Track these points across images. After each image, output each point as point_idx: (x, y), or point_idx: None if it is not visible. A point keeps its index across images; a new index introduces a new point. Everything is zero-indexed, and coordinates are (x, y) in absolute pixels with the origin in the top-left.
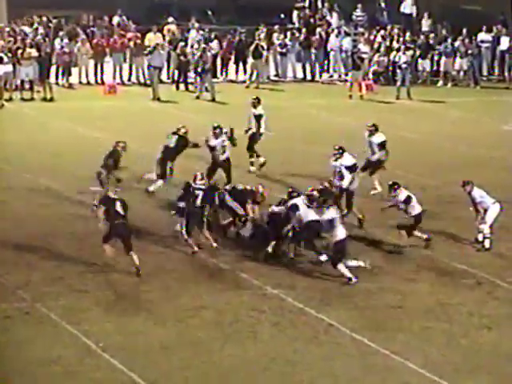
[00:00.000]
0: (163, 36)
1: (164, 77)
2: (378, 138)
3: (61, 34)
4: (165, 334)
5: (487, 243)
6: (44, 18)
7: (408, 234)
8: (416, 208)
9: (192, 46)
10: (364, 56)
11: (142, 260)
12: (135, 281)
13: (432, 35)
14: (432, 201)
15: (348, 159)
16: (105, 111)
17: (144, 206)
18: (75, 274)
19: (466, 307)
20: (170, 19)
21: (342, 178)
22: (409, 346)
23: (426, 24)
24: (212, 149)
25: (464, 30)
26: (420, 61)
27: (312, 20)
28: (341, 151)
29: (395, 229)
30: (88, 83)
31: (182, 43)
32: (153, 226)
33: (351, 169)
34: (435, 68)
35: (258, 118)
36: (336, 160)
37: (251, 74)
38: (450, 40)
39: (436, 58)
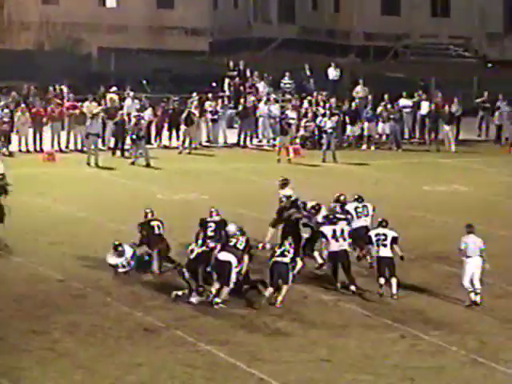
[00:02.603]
0: (99, 104)
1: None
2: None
3: (1, 104)
4: None
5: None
6: None
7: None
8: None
9: (128, 114)
10: (291, 122)
11: (79, 319)
12: (75, 339)
13: (356, 100)
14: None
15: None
16: (44, 178)
17: (83, 269)
18: (18, 334)
19: (390, 360)
20: (113, 88)
21: None
22: None
23: (361, 90)
24: None
25: (386, 96)
26: (349, 127)
27: (242, 88)
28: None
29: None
30: (27, 151)
31: (121, 111)
32: (91, 285)
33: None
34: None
35: (289, 198)
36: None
37: (184, 141)
38: (370, 105)
39: (359, 123)
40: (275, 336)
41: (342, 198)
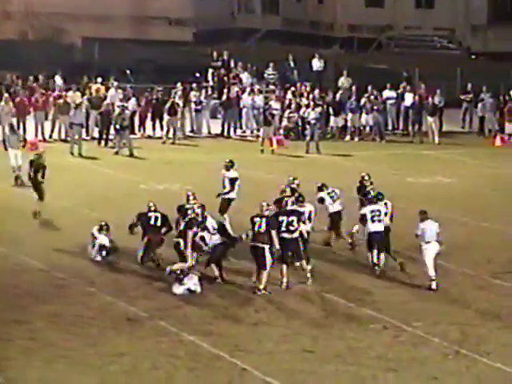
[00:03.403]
0: (82, 94)
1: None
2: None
3: None
4: (86, 380)
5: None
6: None
7: None
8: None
9: (112, 104)
10: (275, 112)
11: (62, 309)
12: (58, 329)
13: (340, 91)
14: (342, 249)
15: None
16: (27, 167)
17: (66, 258)
18: (0, 324)
19: (373, 351)
20: (99, 79)
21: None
22: None
23: (346, 81)
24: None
25: (369, 87)
26: (333, 118)
27: (226, 78)
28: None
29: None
30: None
31: (106, 101)
32: (74, 275)
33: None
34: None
35: (233, 180)
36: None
37: (167, 131)
38: (354, 97)
39: (343, 114)
40: (258, 326)
41: (366, 178)
